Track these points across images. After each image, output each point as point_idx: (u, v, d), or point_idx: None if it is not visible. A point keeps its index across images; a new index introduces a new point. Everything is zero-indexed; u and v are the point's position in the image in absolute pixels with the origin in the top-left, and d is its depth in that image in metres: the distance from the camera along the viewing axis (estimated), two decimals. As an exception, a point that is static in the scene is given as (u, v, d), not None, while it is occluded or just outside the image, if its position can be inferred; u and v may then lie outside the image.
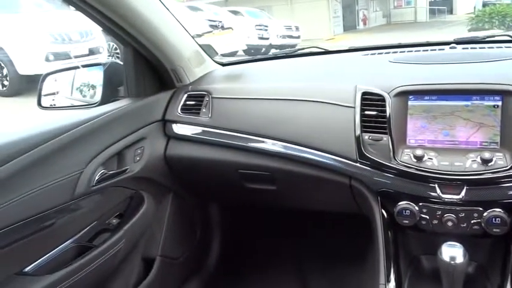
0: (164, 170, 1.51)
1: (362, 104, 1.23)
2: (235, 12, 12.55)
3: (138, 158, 1.39)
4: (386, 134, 1.17)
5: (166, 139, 1.51)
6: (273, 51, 8.30)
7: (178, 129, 1.49)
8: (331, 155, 1.25)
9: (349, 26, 19.94)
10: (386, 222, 1.22)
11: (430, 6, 22.72)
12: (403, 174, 1.14)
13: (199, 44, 1.66)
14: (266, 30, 11.97)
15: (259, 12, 13.66)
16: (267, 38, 11.82)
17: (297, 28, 13.09)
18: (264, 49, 11.58)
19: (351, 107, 1.24)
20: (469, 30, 13.30)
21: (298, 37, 12.91)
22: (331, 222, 1.77)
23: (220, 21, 10.06)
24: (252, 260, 1.99)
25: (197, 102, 1.50)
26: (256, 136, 1.38)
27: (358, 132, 1.21)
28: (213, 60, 1.74)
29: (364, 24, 21.06)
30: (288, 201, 1.59)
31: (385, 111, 1.19)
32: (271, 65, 1.71)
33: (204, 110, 1.48)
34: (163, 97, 1.53)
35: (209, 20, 9.63)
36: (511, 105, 1.10)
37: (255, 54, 7.00)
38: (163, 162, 1.50)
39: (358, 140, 1.20)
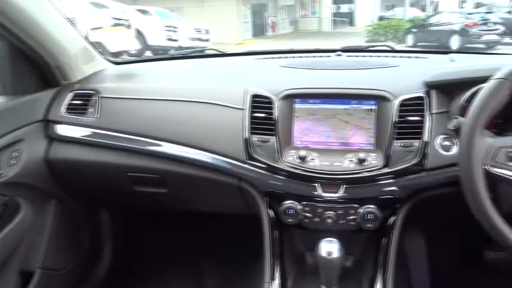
0: (45, 174, 1.40)
1: (252, 107, 1.25)
2: (143, 12, 12.16)
3: (13, 162, 1.26)
4: (274, 135, 1.21)
5: (47, 141, 1.40)
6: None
7: (62, 130, 1.39)
8: (221, 156, 1.26)
9: (259, 31, 20.46)
10: (273, 222, 1.25)
11: (333, 17, 24.20)
12: (288, 174, 1.19)
13: (89, 41, 1.57)
14: (175, 31, 11.78)
15: (169, 13, 13.39)
16: (176, 40, 11.63)
17: (207, 31, 13.08)
18: (172, 51, 11.36)
19: (241, 109, 1.26)
20: (367, 41, 14.37)
21: (208, 40, 12.90)
22: (227, 223, 1.78)
23: (127, 20, 9.67)
24: (146, 265, 1.92)
25: (84, 102, 1.41)
26: (146, 138, 1.33)
27: (246, 133, 1.23)
28: (105, 58, 1.65)
29: (273, 30, 21.75)
30: (180, 203, 1.57)
31: (272, 114, 1.22)
32: (166, 66, 1.68)
33: (91, 110, 1.40)
34: (45, 95, 1.42)
35: (114, 18, 9.21)
36: (384, 109, 1.19)
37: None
38: (44, 166, 1.39)
39: (246, 141, 1.22)
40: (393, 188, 1.17)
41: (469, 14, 13.75)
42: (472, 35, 12.38)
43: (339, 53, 1.55)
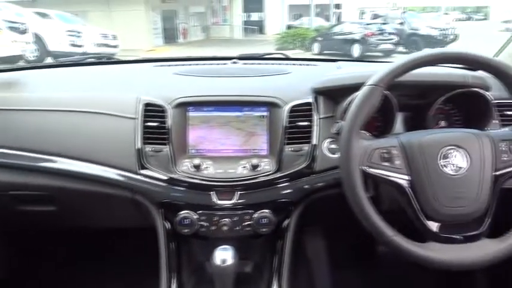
0: None
1: (144, 115, 1.21)
2: (42, 15, 11.31)
3: None
4: (167, 145, 1.18)
5: None
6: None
7: None
8: (113, 168, 1.20)
9: (170, 38, 20.13)
10: (169, 233, 1.23)
11: (244, 25, 24.66)
12: (182, 183, 1.17)
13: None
14: (79, 37, 11.12)
15: (72, 17, 12.63)
16: (81, 46, 10.98)
17: (114, 37, 12.54)
18: (76, 57, 10.69)
19: (133, 118, 1.22)
20: (276, 49, 14.84)
21: (116, 46, 12.38)
22: (123, 238, 1.70)
23: (23, 24, 8.93)
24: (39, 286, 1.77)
25: None
26: (30, 152, 1.23)
27: (139, 143, 1.19)
28: (-19, 66, 1.50)
29: (184, 37, 21.55)
30: (71, 221, 1.47)
31: (165, 123, 1.20)
32: (53, 73, 1.56)
33: None
34: None
35: (8, 21, 8.44)
36: (275, 116, 1.22)
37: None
38: None
39: (139, 152, 1.18)
40: (286, 191, 1.20)
41: (368, 24, 14.85)
42: (370, 44, 13.37)
43: (235, 60, 1.57)
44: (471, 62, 0.99)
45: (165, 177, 1.17)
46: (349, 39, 13.84)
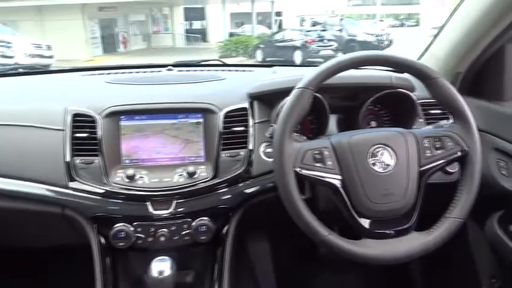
0: None
1: (73, 127, 1.16)
2: (-32, 25, 10.63)
3: None
4: (98, 156, 1.14)
5: None
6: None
7: None
8: (40, 184, 1.13)
9: (109, 48, 19.56)
10: (104, 248, 1.18)
11: (186, 33, 24.47)
12: (116, 195, 1.13)
13: None
14: (9, 47, 10.52)
15: (1, 26, 11.95)
16: (12, 57, 10.37)
17: (49, 47, 11.99)
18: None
19: (60, 129, 1.16)
20: (220, 57, 14.88)
21: (52, 57, 11.84)
22: (57, 256, 1.61)
23: None
24: None
25: None
26: None
27: (68, 156, 1.13)
28: None
29: (125, 46, 21.02)
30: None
31: (96, 133, 1.15)
32: None
33: None
34: None
35: None
36: (211, 122, 1.21)
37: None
38: None
39: (68, 164, 1.13)
40: (224, 197, 1.19)
41: (308, 31, 15.30)
42: (311, 51, 13.77)
43: (169, 67, 1.54)
44: (393, 64, 1.04)
45: (98, 190, 1.12)
46: (291, 46, 14.17)
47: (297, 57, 13.70)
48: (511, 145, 1.19)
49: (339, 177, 0.97)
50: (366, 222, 0.97)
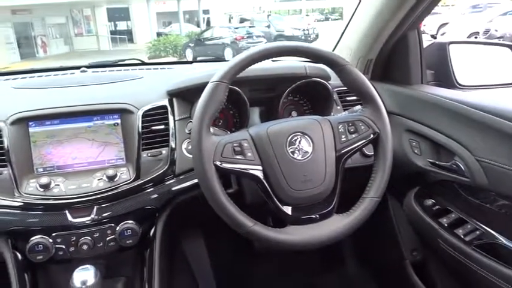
0: None
1: None
2: None
3: None
4: (7, 166, 1.06)
5: None
6: None
7: None
8: None
9: (28, 53, 18.32)
10: (21, 264, 1.10)
11: (111, 35, 23.54)
12: (30, 207, 1.06)
13: None
14: None
15: None
16: None
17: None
18: None
19: None
20: (149, 58, 14.49)
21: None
22: None
23: None
24: None
25: None
26: None
27: None
28: None
29: (44, 51, 19.79)
30: None
31: (3, 142, 1.07)
32: None
33: None
34: None
35: None
36: (129, 122, 1.18)
37: None
38: None
39: None
40: (147, 198, 1.17)
41: (236, 28, 15.33)
42: (241, 48, 13.81)
43: (83, 69, 1.47)
44: (303, 54, 1.06)
45: (9, 203, 1.05)
46: (221, 43, 14.14)
47: (228, 54, 13.69)
48: (420, 125, 1.27)
49: (260, 167, 0.98)
50: (288, 209, 1.00)
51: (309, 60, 1.35)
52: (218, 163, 0.96)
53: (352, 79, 1.05)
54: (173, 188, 1.18)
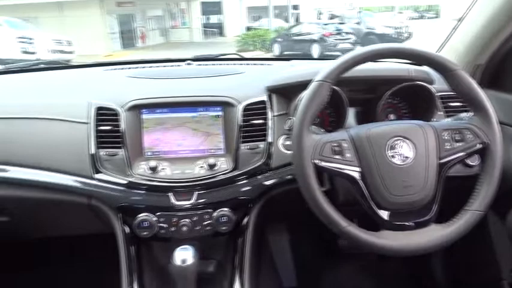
0: None
1: (97, 120, 1.19)
2: (-10, 22, 10.87)
3: None
4: (122, 148, 1.17)
5: None
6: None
7: None
8: (66, 174, 1.18)
9: (128, 43, 19.79)
10: (128, 237, 1.21)
11: (203, 27, 24.53)
12: (139, 186, 1.16)
13: None
14: (31, 43, 10.73)
15: (22, 23, 12.17)
16: (34, 53, 10.59)
17: (69, 43, 12.20)
18: (24, 63, 10.27)
19: (85, 123, 1.20)
20: (237, 51, 14.87)
21: (72, 52, 12.05)
22: (84, 245, 1.67)
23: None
24: None
25: None
26: None
27: (92, 148, 1.17)
28: None
29: (143, 41, 21.22)
30: (27, 231, 1.43)
31: (119, 126, 1.18)
32: (0, 80, 1.51)
33: None
34: None
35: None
36: (230, 115, 1.23)
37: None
38: None
39: (93, 156, 1.17)
40: (243, 189, 1.21)
41: (325, 24, 15.14)
42: (329, 44, 13.62)
43: (189, 62, 1.56)
44: (411, 56, 1.04)
45: (122, 181, 1.16)
46: (308, 39, 14.05)
47: (315, 50, 13.58)
48: None
49: (358, 169, 0.98)
50: (384, 214, 0.98)
51: (411, 62, 1.30)
52: (317, 161, 0.97)
53: (463, 85, 1.00)
54: (267, 182, 1.22)
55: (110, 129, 1.18)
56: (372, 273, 1.86)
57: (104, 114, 1.20)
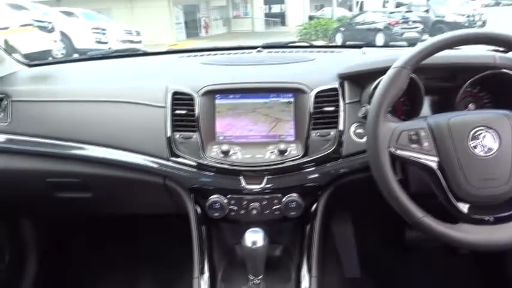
0: None
1: (173, 104, 1.24)
2: (68, 14, 11.58)
3: None
4: (196, 132, 1.21)
5: None
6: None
7: None
8: (144, 155, 1.24)
9: (192, 32, 20.28)
10: (200, 217, 1.26)
11: (265, 17, 24.56)
12: (212, 169, 1.20)
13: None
14: (104, 34, 11.35)
15: (97, 14, 12.86)
16: (106, 42, 11.20)
17: (138, 33, 12.75)
18: (105, 50, 10.91)
19: (162, 107, 1.25)
20: (299, 40, 14.72)
21: (140, 42, 12.58)
22: (156, 224, 1.76)
23: (50, 22, 9.17)
24: (75, 274, 1.85)
25: None
26: (65, 141, 1.29)
27: (169, 131, 1.22)
28: (16, 60, 1.56)
29: (206, 31, 21.67)
30: (106, 207, 1.53)
31: (194, 110, 1.23)
32: (84, 66, 1.62)
33: (1, 115, 1.33)
34: None
35: (36, 21, 8.67)
36: (301, 101, 1.23)
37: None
38: None
39: (169, 139, 1.22)
40: (313, 176, 1.21)
41: (391, 13, 14.55)
42: (394, 33, 13.10)
43: (259, 49, 1.58)
44: (498, 42, 0.98)
45: (195, 163, 1.20)
46: (373, 28, 13.61)
47: (379, 40, 13.13)
48: None
49: (436, 159, 0.95)
50: (464, 207, 0.95)
51: (496, 49, 1.23)
52: (392, 150, 0.95)
53: None
54: (337, 169, 1.21)
55: (185, 113, 1.23)
56: (438, 269, 1.79)
57: (180, 99, 1.24)
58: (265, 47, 1.62)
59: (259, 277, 1.09)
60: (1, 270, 1.59)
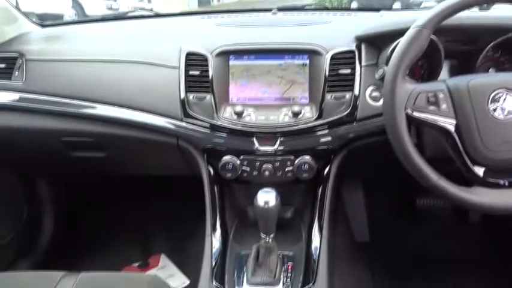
0: None
1: (186, 65, 1.23)
2: (79, -20, 11.44)
3: None
4: (210, 93, 1.21)
5: None
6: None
7: None
8: (158, 115, 1.24)
9: (204, 1, 19.93)
10: (213, 178, 1.27)
11: (279, -15, 23.98)
12: (225, 130, 1.20)
13: (10, 2, 1.47)
14: (115, 0, 11.21)
15: (107, -20, 12.68)
16: (117, 9, 11.05)
17: (149, 0, 12.56)
18: (119, 12, 10.80)
19: (176, 67, 1.24)
20: (315, 4, 14.38)
21: (151, 10, 12.40)
22: (169, 185, 1.78)
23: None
24: (90, 233, 1.90)
25: (8, 65, 1.34)
26: (79, 100, 1.29)
27: (182, 92, 1.22)
28: (30, 21, 1.56)
29: (218, 0, 21.29)
30: (119, 167, 1.55)
31: (208, 71, 1.21)
32: (97, 27, 1.61)
33: (16, 73, 1.33)
34: None
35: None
36: (316, 64, 1.21)
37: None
38: None
39: (183, 100, 1.21)
40: (326, 138, 1.21)
41: (409, -20, 14.09)
42: (412, 2, 12.70)
43: (274, 11, 1.55)
44: None
45: (208, 124, 1.20)
46: (390, -4, 13.23)
47: (396, 5, 12.76)
48: None
49: (453, 121, 0.93)
50: (480, 170, 0.93)
51: None
52: (409, 111, 0.94)
53: None
54: (351, 132, 1.20)
55: (198, 74, 1.22)
56: (449, 237, 1.80)
57: (194, 60, 1.23)
58: (280, 9, 1.59)
59: (271, 235, 1.10)
60: (19, 228, 1.64)
